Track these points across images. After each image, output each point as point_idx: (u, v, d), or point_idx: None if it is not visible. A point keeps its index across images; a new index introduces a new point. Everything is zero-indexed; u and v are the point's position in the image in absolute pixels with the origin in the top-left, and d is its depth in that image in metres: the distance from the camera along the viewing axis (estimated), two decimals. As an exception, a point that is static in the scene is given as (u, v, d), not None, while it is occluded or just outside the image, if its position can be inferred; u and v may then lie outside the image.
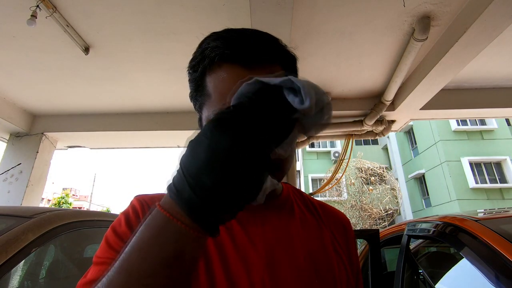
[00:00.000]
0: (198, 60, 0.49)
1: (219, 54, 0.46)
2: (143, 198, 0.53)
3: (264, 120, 0.30)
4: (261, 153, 0.30)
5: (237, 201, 0.30)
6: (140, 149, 4.82)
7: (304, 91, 0.31)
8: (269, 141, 0.31)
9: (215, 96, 0.48)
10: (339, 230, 0.59)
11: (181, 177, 0.30)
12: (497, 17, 1.88)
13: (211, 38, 0.49)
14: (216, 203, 0.29)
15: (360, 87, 3.27)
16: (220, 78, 0.47)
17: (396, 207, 13.08)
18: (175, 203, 0.30)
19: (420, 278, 1.60)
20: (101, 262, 0.43)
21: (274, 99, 0.32)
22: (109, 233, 0.47)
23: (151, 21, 2.29)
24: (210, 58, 0.47)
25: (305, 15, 2.21)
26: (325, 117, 0.35)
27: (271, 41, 0.49)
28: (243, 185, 0.30)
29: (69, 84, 3.17)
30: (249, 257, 0.47)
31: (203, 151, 0.29)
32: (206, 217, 0.30)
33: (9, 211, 1.35)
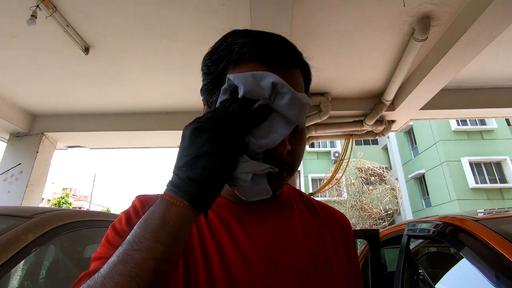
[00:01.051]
0: (222, 54, 0.49)
1: (251, 51, 0.46)
2: (145, 198, 0.53)
3: (226, 115, 0.39)
4: (225, 144, 0.38)
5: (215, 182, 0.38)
6: (140, 149, 4.82)
7: (236, 81, 0.40)
8: (229, 133, 0.38)
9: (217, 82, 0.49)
10: (339, 230, 0.59)
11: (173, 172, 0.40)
12: (497, 17, 1.88)
13: (238, 35, 0.49)
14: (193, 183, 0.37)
15: (360, 87, 3.28)
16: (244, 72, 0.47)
17: (396, 207, 13.08)
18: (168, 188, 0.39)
19: (420, 278, 1.60)
20: (98, 257, 0.44)
21: (230, 99, 0.41)
22: (109, 231, 0.48)
23: (151, 21, 2.29)
24: (240, 54, 0.47)
25: (305, 15, 2.21)
26: (291, 104, 0.40)
27: (293, 47, 0.51)
28: (208, 165, 0.37)
29: (69, 84, 3.17)
30: (248, 256, 0.47)
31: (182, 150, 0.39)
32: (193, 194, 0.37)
33: (9, 211, 1.35)
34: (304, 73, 0.53)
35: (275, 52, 0.47)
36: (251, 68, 0.46)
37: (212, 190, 0.38)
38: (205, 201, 0.38)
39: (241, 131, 0.39)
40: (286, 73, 0.47)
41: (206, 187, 0.37)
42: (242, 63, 0.47)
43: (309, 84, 0.56)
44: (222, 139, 0.37)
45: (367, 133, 3.78)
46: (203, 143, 0.37)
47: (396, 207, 13.08)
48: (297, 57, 0.51)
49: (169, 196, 0.38)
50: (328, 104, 3.31)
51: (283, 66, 0.47)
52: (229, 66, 0.48)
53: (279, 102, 0.40)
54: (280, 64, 0.47)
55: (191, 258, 0.47)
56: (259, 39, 0.48)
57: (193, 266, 0.46)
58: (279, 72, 0.46)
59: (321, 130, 3.61)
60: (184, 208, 0.37)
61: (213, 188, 0.38)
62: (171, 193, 0.38)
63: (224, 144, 0.37)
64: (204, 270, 0.45)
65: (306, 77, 0.54)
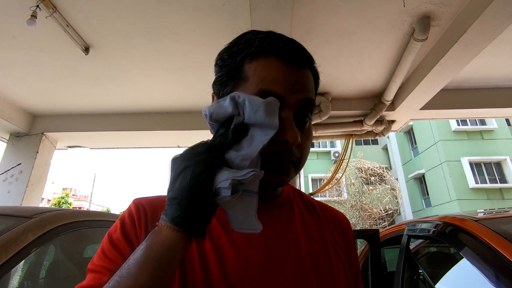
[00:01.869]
0: (241, 47, 0.50)
1: (272, 45, 0.48)
2: (141, 202, 0.53)
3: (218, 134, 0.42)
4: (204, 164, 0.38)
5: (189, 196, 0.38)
6: (140, 149, 4.82)
7: (203, 112, 0.44)
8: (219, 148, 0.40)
9: (254, 79, 0.48)
10: (338, 230, 0.59)
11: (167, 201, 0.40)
12: (497, 17, 1.88)
13: (257, 32, 0.52)
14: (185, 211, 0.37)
15: (360, 87, 3.27)
16: (264, 66, 0.48)
17: (396, 207, 13.08)
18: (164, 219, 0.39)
19: (420, 278, 1.60)
20: (96, 270, 0.44)
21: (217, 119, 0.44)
22: (105, 241, 0.48)
23: (151, 21, 2.29)
24: (259, 47, 0.48)
25: (305, 15, 2.21)
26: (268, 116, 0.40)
27: (306, 50, 0.54)
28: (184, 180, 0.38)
29: (69, 84, 3.17)
30: (247, 257, 0.47)
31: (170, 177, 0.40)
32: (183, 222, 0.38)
33: (9, 211, 1.35)
34: (315, 76, 0.55)
35: (293, 50, 0.49)
36: (268, 62, 0.48)
37: (193, 207, 0.37)
38: (186, 219, 0.37)
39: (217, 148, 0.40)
40: (301, 71, 0.50)
41: (185, 204, 0.37)
42: (260, 57, 0.48)
43: (317, 88, 0.59)
44: (196, 155, 0.39)
45: (367, 133, 3.78)
46: (179, 164, 0.39)
47: (396, 207, 13.08)
48: (310, 60, 0.53)
49: (159, 222, 0.39)
50: (328, 104, 3.31)
51: (298, 65, 0.49)
52: (246, 58, 0.49)
53: (245, 112, 0.41)
54: (295, 62, 0.49)
55: (187, 259, 0.46)
56: (278, 36, 0.51)
57: (190, 267, 0.46)
58: (294, 69, 0.49)
59: (321, 130, 3.61)
60: (168, 231, 0.37)
61: (192, 204, 0.37)
62: (161, 220, 0.39)
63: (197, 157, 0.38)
64: (201, 270, 0.45)
65: (316, 79, 0.57)
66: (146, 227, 0.48)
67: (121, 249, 0.46)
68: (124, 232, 0.48)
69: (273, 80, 0.47)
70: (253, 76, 0.48)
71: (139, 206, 0.51)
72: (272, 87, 0.46)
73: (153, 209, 0.51)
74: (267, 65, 0.48)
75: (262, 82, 0.47)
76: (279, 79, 0.47)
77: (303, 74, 0.50)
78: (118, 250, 0.46)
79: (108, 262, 0.44)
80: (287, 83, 0.47)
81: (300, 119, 0.49)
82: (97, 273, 0.44)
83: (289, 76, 0.48)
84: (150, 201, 0.53)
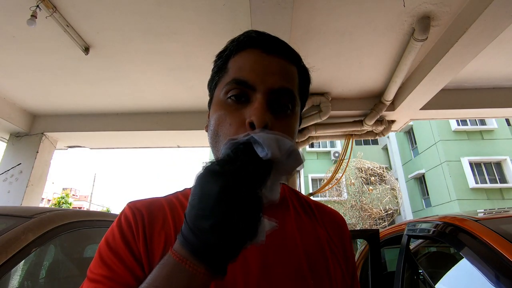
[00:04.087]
0: (226, 47, 0.54)
1: (250, 38, 0.52)
2: (135, 206, 0.51)
3: (243, 167, 0.35)
4: (249, 195, 0.34)
5: (236, 242, 0.33)
6: (140, 149, 4.82)
7: (264, 144, 0.38)
8: (250, 184, 0.35)
9: (232, 70, 0.51)
10: (335, 229, 0.59)
11: (185, 224, 0.34)
12: (497, 17, 1.88)
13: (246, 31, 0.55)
14: (217, 245, 0.32)
15: (360, 87, 3.27)
16: (241, 57, 0.51)
17: (396, 207, 13.08)
18: (182, 247, 0.34)
19: (420, 278, 1.60)
20: (93, 279, 0.43)
21: (246, 151, 0.37)
22: (102, 246, 0.46)
23: (151, 22, 2.29)
24: (239, 41, 0.52)
25: (305, 15, 2.21)
26: (294, 162, 0.40)
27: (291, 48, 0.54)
28: (239, 226, 0.33)
29: (69, 84, 3.17)
30: (243, 257, 0.47)
31: (198, 198, 0.33)
32: (211, 258, 0.33)
33: (9, 211, 1.34)
34: (302, 76, 0.55)
35: (271, 40, 0.51)
36: (246, 53, 0.51)
37: (231, 235, 0.33)
38: (216, 252, 0.33)
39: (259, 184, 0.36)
40: (277, 59, 0.50)
41: (224, 231, 0.32)
42: (240, 51, 0.52)
43: (307, 87, 0.58)
44: (241, 189, 0.33)
45: (367, 133, 3.78)
46: (218, 189, 0.33)
47: (396, 207, 13.08)
48: (294, 55, 0.54)
49: (173, 251, 0.35)
50: (328, 104, 3.31)
51: (275, 52, 0.50)
52: (231, 55, 0.52)
53: (288, 163, 0.40)
54: (270, 50, 0.50)
55: None
56: (259, 32, 0.53)
57: None
58: (269, 56, 0.50)
59: (321, 130, 3.61)
60: (188, 269, 0.33)
61: (232, 232, 0.32)
62: (177, 248, 0.35)
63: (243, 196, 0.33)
64: None
65: (304, 80, 0.56)
66: (144, 232, 0.48)
67: (122, 256, 0.45)
68: (123, 236, 0.46)
69: (246, 68, 0.49)
70: (232, 68, 0.51)
71: (134, 210, 0.50)
72: (245, 75, 0.48)
73: (149, 212, 0.50)
74: (245, 55, 0.51)
75: (237, 72, 0.50)
76: (252, 67, 0.49)
77: (279, 63, 0.50)
78: (119, 257, 0.44)
79: (107, 270, 0.43)
80: (259, 70, 0.48)
81: (276, 108, 0.49)
82: (96, 283, 0.42)
83: (264, 64, 0.49)
84: (145, 204, 0.52)
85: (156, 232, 0.48)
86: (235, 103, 0.49)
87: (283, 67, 0.50)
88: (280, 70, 0.50)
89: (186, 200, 0.55)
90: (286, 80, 0.50)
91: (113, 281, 0.42)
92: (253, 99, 0.48)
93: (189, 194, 0.56)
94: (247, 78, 0.48)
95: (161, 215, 0.51)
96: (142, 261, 0.45)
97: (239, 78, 0.49)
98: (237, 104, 0.49)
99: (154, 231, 0.48)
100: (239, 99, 0.49)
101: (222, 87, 0.51)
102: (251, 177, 0.35)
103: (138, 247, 0.46)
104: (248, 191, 0.34)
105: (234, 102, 0.49)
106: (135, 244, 0.46)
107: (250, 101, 0.48)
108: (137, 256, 0.45)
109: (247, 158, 0.36)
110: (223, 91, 0.51)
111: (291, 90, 0.50)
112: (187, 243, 0.33)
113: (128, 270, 0.43)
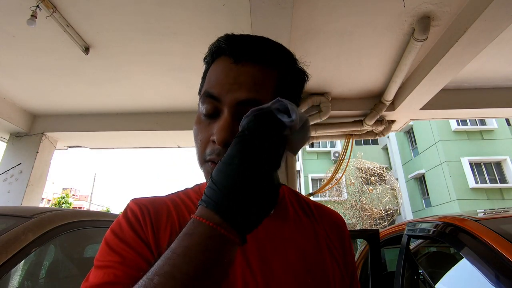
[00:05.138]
0: (206, 54, 0.54)
1: (217, 46, 0.51)
2: (141, 201, 0.52)
3: (267, 137, 0.37)
4: (276, 164, 0.37)
5: (264, 208, 0.36)
6: (140, 149, 4.82)
7: (291, 108, 0.39)
8: (274, 155, 0.37)
9: (206, 82, 0.52)
10: (334, 230, 0.59)
11: (217, 191, 0.35)
12: (497, 17, 1.88)
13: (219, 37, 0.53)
14: (248, 210, 0.34)
15: (360, 87, 3.27)
16: (213, 68, 0.52)
17: (396, 207, 13.09)
18: (214, 213, 0.34)
19: (420, 278, 1.60)
20: (103, 266, 0.42)
21: (269, 120, 0.39)
22: (109, 236, 0.46)
23: (151, 22, 2.29)
24: (211, 51, 0.52)
25: (305, 15, 2.21)
26: (306, 132, 0.41)
27: (272, 49, 0.51)
28: (267, 193, 0.35)
29: (69, 84, 3.17)
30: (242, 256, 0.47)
31: (233, 169, 0.35)
32: (242, 223, 0.34)
33: (9, 211, 1.35)
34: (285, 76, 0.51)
35: (239, 46, 0.49)
36: (218, 63, 0.51)
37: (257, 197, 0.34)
38: (246, 214, 0.34)
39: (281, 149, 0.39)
40: (244, 68, 0.48)
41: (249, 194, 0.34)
42: (215, 60, 0.52)
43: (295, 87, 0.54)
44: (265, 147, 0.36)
45: (367, 133, 3.78)
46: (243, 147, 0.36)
47: (396, 207, 13.08)
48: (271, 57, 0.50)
49: (196, 215, 0.35)
50: (328, 104, 3.31)
51: (243, 60, 0.48)
52: (210, 63, 0.53)
53: (300, 134, 0.41)
54: (239, 58, 0.48)
55: None
56: (232, 38, 0.51)
57: None
58: (237, 66, 0.48)
59: (321, 130, 3.61)
60: (216, 232, 0.33)
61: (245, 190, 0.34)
62: (201, 212, 0.35)
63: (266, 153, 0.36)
64: None
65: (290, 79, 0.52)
66: (152, 223, 0.48)
67: (131, 243, 0.44)
68: (131, 226, 0.46)
69: (215, 81, 0.49)
70: (206, 80, 0.52)
71: (140, 205, 0.50)
72: (211, 89, 0.48)
73: (154, 207, 0.51)
74: (216, 66, 0.51)
75: (207, 84, 0.51)
76: (219, 79, 0.48)
77: (248, 72, 0.47)
78: (126, 243, 0.44)
79: (117, 256, 0.42)
80: (225, 82, 0.47)
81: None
82: (105, 268, 0.41)
83: (229, 75, 0.48)
84: (149, 200, 0.53)
85: (162, 227, 0.48)
86: (206, 118, 0.50)
87: (252, 76, 0.47)
88: (247, 79, 0.47)
89: (188, 199, 0.55)
90: (255, 89, 0.47)
91: (124, 265, 0.41)
92: (221, 114, 0.48)
93: (191, 194, 0.57)
94: (213, 90, 0.48)
95: (165, 211, 0.51)
96: (152, 247, 0.45)
97: (208, 91, 0.49)
98: (208, 120, 0.49)
99: (160, 226, 0.48)
100: (209, 113, 0.49)
101: (199, 100, 0.52)
102: (271, 147, 0.37)
103: (147, 235, 0.46)
104: (274, 161, 0.37)
105: (206, 118, 0.50)
106: (144, 233, 0.46)
107: (219, 116, 0.48)
108: (146, 242, 0.45)
109: (268, 128, 0.38)
110: (199, 104, 0.52)
111: (258, 100, 0.46)
112: (218, 206, 0.34)
113: (138, 254, 0.43)
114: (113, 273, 0.40)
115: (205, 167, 0.49)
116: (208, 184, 0.36)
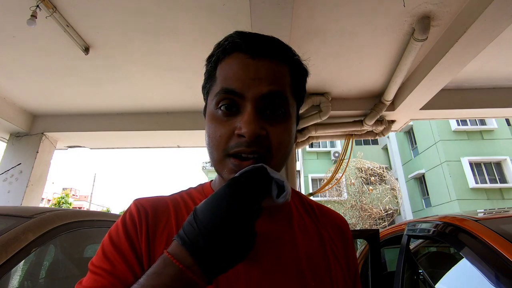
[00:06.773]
0: (214, 52, 0.53)
1: (231, 42, 0.50)
2: (141, 203, 0.52)
3: (260, 190, 0.41)
4: (259, 214, 0.40)
5: (238, 255, 0.37)
6: (140, 149, 4.82)
7: (287, 190, 0.43)
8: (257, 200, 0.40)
9: (219, 79, 0.51)
10: (336, 231, 0.59)
11: (196, 230, 0.36)
12: (497, 17, 1.88)
13: (229, 35, 0.53)
14: (223, 255, 0.35)
15: (360, 87, 3.27)
16: (227, 64, 0.50)
17: (396, 207, 13.08)
18: (188, 254, 0.35)
19: (420, 278, 1.60)
20: (96, 272, 0.44)
21: (265, 179, 0.42)
22: (106, 241, 0.48)
23: (151, 21, 2.29)
24: (224, 47, 0.51)
25: (305, 15, 2.21)
26: (285, 196, 0.43)
27: (281, 45, 0.53)
28: (245, 241, 0.36)
29: (69, 84, 3.17)
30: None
31: (220, 210, 0.36)
32: (214, 268, 0.35)
33: (9, 211, 1.34)
34: (295, 71, 0.54)
35: (255, 41, 0.50)
36: (232, 59, 0.50)
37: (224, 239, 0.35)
38: (217, 254, 0.35)
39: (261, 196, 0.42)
40: (262, 62, 0.49)
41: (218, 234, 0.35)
42: (226, 56, 0.51)
43: (302, 82, 0.57)
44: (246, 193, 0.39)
45: (367, 133, 3.77)
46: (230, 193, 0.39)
47: (396, 207, 13.08)
48: (283, 53, 0.52)
49: (167, 251, 0.37)
50: (328, 104, 3.31)
51: (260, 55, 0.49)
52: (218, 61, 0.52)
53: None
54: (256, 53, 0.49)
55: None
56: (244, 33, 0.51)
57: None
58: (254, 61, 0.48)
59: (321, 130, 3.61)
60: (183, 271, 0.35)
61: (226, 236, 0.35)
62: (175, 248, 0.37)
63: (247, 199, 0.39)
64: None
65: (298, 75, 0.55)
66: (147, 229, 0.48)
67: (124, 252, 0.46)
68: (126, 232, 0.48)
69: (232, 77, 0.48)
70: (219, 76, 0.51)
71: (139, 207, 0.51)
72: (231, 84, 0.48)
73: (154, 211, 0.51)
74: (231, 62, 0.50)
75: (224, 81, 0.49)
76: (238, 74, 0.48)
77: (266, 66, 0.49)
78: (121, 253, 0.46)
79: (108, 264, 0.44)
80: (245, 77, 0.47)
81: (267, 112, 0.48)
82: (96, 275, 0.43)
83: (249, 70, 0.48)
84: (151, 202, 0.53)
85: (159, 231, 0.49)
86: (225, 115, 0.49)
87: (270, 70, 0.49)
88: (267, 73, 0.48)
89: (191, 200, 0.56)
90: (275, 82, 0.49)
91: (112, 275, 0.43)
92: (242, 109, 0.47)
93: (193, 194, 0.57)
94: (234, 86, 0.48)
95: (165, 214, 0.52)
96: (143, 258, 0.46)
97: (226, 88, 0.48)
98: (227, 115, 0.48)
99: (157, 230, 0.49)
100: (229, 109, 0.48)
101: (212, 97, 0.51)
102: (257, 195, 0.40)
103: (140, 244, 0.47)
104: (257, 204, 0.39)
105: (224, 114, 0.49)
106: (138, 242, 0.47)
107: (240, 111, 0.48)
108: (139, 253, 0.46)
109: (259, 182, 0.41)
110: (213, 101, 0.50)
111: (281, 91, 0.49)
112: (194, 247, 0.35)
113: (128, 267, 0.44)
114: (98, 280, 0.43)
115: (226, 163, 0.48)
116: (188, 219, 0.37)
